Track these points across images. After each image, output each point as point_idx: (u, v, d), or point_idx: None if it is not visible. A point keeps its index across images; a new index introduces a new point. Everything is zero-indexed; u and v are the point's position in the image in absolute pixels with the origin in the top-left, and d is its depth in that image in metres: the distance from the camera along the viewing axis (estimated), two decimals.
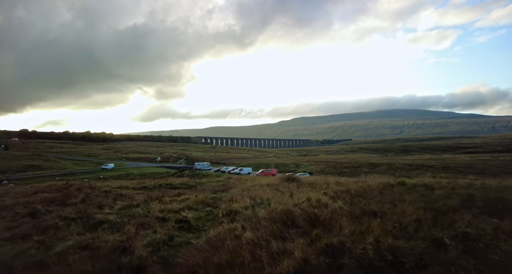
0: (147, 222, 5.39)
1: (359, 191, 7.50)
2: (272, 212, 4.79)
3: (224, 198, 8.31)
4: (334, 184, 9.85)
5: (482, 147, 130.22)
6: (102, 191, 11.48)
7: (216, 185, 15.80)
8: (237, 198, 7.74)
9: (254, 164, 75.74)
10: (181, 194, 9.87)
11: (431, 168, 54.49)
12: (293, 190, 8.95)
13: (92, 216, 6.17)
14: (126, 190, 12.70)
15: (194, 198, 8.24)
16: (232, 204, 7.00)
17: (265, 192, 8.35)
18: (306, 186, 9.77)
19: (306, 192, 8.13)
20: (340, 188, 8.68)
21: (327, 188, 9.04)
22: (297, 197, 7.41)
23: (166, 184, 15.85)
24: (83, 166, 75.53)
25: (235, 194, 9.27)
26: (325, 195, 7.39)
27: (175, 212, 6.31)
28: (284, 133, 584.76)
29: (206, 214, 6.46)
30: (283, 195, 8.13)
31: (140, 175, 62.52)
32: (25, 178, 50.94)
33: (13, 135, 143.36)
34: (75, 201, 8.39)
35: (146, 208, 7.19)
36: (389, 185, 8.36)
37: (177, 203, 7.55)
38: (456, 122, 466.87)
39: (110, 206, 7.93)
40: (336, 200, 6.75)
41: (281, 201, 7.05)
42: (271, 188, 9.40)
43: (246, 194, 8.89)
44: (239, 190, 10.35)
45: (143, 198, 8.66)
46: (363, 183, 9.15)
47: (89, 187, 12.45)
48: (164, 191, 11.18)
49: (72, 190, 11.13)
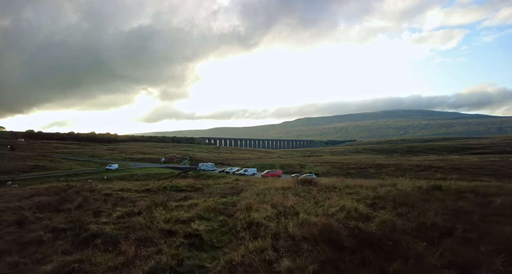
0: (150, 237, 4.44)
1: (395, 196, 6.51)
2: (307, 227, 3.80)
3: (239, 205, 7.28)
4: (358, 187, 8.84)
5: (489, 148, 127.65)
6: (102, 194, 10.62)
7: (224, 187, 14.69)
8: (254, 205, 6.85)
9: (258, 165, 74.84)
10: (187, 197, 8.95)
11: (440, 169, 53.04)
12: (315, 195, 7.97)
13: (86, 227, 5.26)
14: (129, 192, 11.82)
15: (204, 204, 7.26)
16: (250, 212, 6.05)
17: (285, 198, 7.33)
18: (327, 190, 8.78)
19: (334, 198, 7.21)
20: (369, 192, 7.69)
21: (353, 192, 8.04)
22: (327, 204, 6.41)
23: (171, 186, 14.77)
24: (88, 166, 75.34)
25: (249, 198, 8.42)
26: (358, 202, 6.41)
27: (183, 223, 5.34)
28: (288, 134, 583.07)
29: (219, 224, 5.46)
30: (306, 201, 7.21)
31: (144, 175, 62.07)
32: (29, 178, 50.70)
33: (19, 136, 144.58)
34: (71, 206, 7.51)
35: (149, 216, 6.36)
36: (424, 190, 7.34)
37: (185, 210, 6.59)
38: (462, 123, 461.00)
39: (108, 213, 7.08)
40: (376, 209, 5.82)
41: (309, 210, 6.06)
42: (289, 193, 8.39)
43: (262, 199, 7.99)
44: (251, 194, 9.43)
45: (146, 203, 7.75)
46: (391, 187, 8.14)
47: (89, 189, 11.60)
48: (169, 194, 10.29)
49: (70, 193, 10.29)
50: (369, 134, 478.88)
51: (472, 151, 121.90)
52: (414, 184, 8.38)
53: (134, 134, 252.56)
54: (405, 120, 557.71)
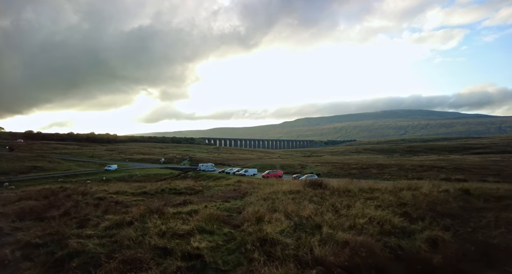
0: (140, 258, 3.62)
1: (426, 203, 5.71)
2: (336, 246, 3.01)
3: (246, 213, 6.51)
4: (376, 191, 8.01)
5: (490, 148, 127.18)
6: (95, 198, 9.83)
7: (226, 189, 13.64)
8: (265, 215, 5.89)
9: (259, 165, 74.10)
10: (187, 202, 8.16)
11: (443, 169, 52.28)
12: (332, 201, 7.19)
13: (65, 242, 4.47)
14: (124, 196, 10.99)
15: (205, 211, 6.45)
16: (260, 224, 5.17)
17: (298, 204, 6.46)
18: (341, 194, 7.96)
19: (356, 206, 6.39)
20: (390, 197, 6.91)
21: (372, 197, 7.24)
22: (351, 214, 5.60)
23: (169, 188, 13.95)
24: (87, 167, 74.56)
25: (255, 204, 7.56)
26: (384, 210, 5.60)
27: (181, 237, 4.50)
28: (287, 134, 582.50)
29: (225, 239, 4.59)
30: (324, 210, 6.42)
31: (144, 176, 61.28)
32: (27, 179, 49.83)
33: (18, 137, 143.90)
34: (56, 214, 6.75)
35: (141, 227, 5.54)
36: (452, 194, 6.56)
37: (183, 220, 5.85)
38: (461, 123, 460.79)
39: (96, 222, 6.28)
40: (413, 221, 4.94)
41: (331, 221, 5.35)
42: (301, 198, 7.54)
43: (271, 205, 7.10)
44: (257, 199, 8.56)
45: (139, 211, 6.82)
46: (414, 191, 7.34)
47: (81, 192, 10.82)
48: (167, 198, 9.51)
49: (60, 197, 9.52)
50: (369, 134, 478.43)
51: (472, 150, 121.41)
52: (437, 187, 7.59)
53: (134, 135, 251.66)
54: (405, 120, 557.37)
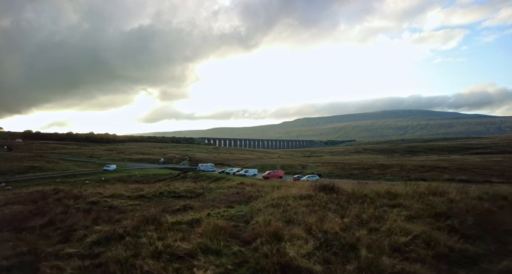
0: None
1: (471, 215, 4.95)
2: None
3: (257, 227, 5.58)
4: (396, 197, 7.18)
5: (490, 148, 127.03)
6: (87, 203, 9.04)
7: (228, 192, 12.90)
8: (280, 229, 4.96)
9: (259, 165, 73.48)
10: (187, 207, 7.41)
11: (446, 169, 51.68)
12: (355, 210, 6.35)
13: (38, 264, 3.75)
14: (119, 200, 10.18)
15: (208, 221, 5.75)
16: (277, 242, 4.31)
17: (313, 213, 5.66)
18: (358, 200, 7.15)
19: (389, 218, 5.55)
20: (418, 205, 6.13)
21: (396, 204, 6.54)
22: (385, 229, 4.88)
23: (168, 191, 13.15)
24: (85, 167, 73.85)
25: (263, 212, 6.78)
26: (419, 223, 4.85)
27: (181, 259, 3.66)
28: (287, 134, 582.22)
29: (235, 262, 3.60)
30: (348, 221, 5.61)
31: (143, 176, 60.57)
32: (24, 179, 49.10)
33: (17, 137, 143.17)
34: (39, 223, 5.98)
35: (134, 243, 4.77)
36: (486, 200, 5.83)
37: (183, 234, 5.02)
38: (461, 123, 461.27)
39: (83, 235, 5.48)
40: (467, 240, 4.17)
41: (365, 239, 4.49)
42: (315, 205, 6.71)
43: (283, 214, 6.34)
44: (265, 205, 7.76)
45: (133, 222, 6.04)
46: (441, 197, 6.55)
47: (74, 196, 10.04)
48: (166, 203, 8.74)
49: (50, 201, 8.75)
50: (368, 134, 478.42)
51: (473, 151, 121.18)
52: (464, 192, 6.84)
53: (133, 135, 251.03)
54: (405, 121, 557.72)
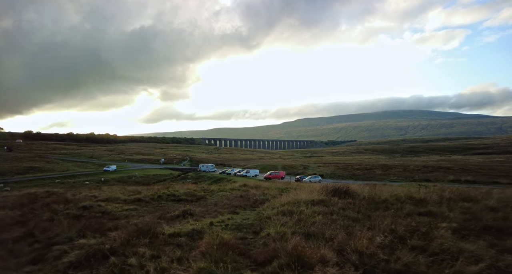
0: None
1: None
2: None
3: (270, 242, 4.69)
4: (426, 203, 6.50)
5: (492, 148, 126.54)
6: (79, 207, 8.51)
7: (231, 195, 12.29)
8: (304, 249, 4.04)
9: (260, 166, 73.17)
10: (187, 213, 6.92)
11: (449, 170, 51.39)
12: (377, 218, 5.66)
13: None
14: (115, 204, 9.56)
15: (212, 234, 4.91)
16: (302, 267, 3.57)
17: (334, 223, 4.99)
18: (376, 206, 6.62)
19: (438, 234, 4.66)
20: (453, 213, 5.58)
21: (427, 212, 5.78)
22: (433, 248, 4.09)
23: (167, 194, 12.42)
24: (85, 167, 73.58)
25: (275, 222, 5.92)
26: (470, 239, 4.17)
27: None
28: (288, 135, 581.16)
29: None
30: (377, 234, 4.74)
31: (143, 177, 60.28)
32: (23, 180, 48.87)
33: (17, 137, 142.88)
34: (16, 235, 5.40)
35: (121, 265, 3.99)
36: None
37: (182, 251, 4.38)
38: (462, 123, 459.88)
39: (62, 251, 4.71)
40: None
41: (415, 265, 3.69)
42: (332, 212, 6.10)
43: (297, 224, 5.56)
44: (274, 211, 7.02)
45: (123, 235, 5.19)
46: (474, 203, 5.97)
47: (65, 200, 9.45)
48: (164, 207, 8.31)
49: (37, 207, 8.24)
50: (369, 134, 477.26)
51: (474, 151, 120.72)
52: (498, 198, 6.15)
53: (134, 135, 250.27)
54: (405, 121, 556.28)
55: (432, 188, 8.79)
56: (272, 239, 4.90)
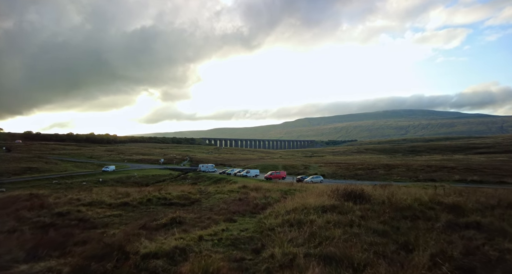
0: None
1: None
2: None
3: (277, 271, 3.60)
4: (466, 210, 5.48)
5: (494, 147, 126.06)
6: (54, 214, 7.61)
7: (229, 198, 11.26)
8: None
9: (260, 166, 72.44)
10: (175, 222, 5.87)
11: (454, 169, 50.55)
12: (413, 231, 4.60)
13: None
14: (98, 208, 8.38)
15: (199, 260, 3.75)
16: None
17: (354, 242, 4.00)
18: (403, 214, 5.53)
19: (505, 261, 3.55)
20: (500, 222, 4.47)
21: (465, 223, 4.75)
22: None
23: (158, 197, 11.17)
24: (84, 168, 72.94)
25: (277, 232, 5.15)
26: None
27: None
28: (288, 134, 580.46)
29: None
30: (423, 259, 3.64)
31: (142, 177, 59.61)
32: (20, 181, 48.21)
33: (17, 138, 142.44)
34: None
35: None
36: None
37: None
38: (462, 123, 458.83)
39: None
40: None
41: None
42: (349, 223, 5.12)
43: (311, 241, 4.55)
44: (279, 221, 6.02)
45: (79, 258, 4.12)
46: None
47: (39, 206, 8.35)
48: (152, 213, 7.35)
49: (4, 213, 7.25)
50: (369, 134, 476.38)
51: (476, 150, 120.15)
52: None
53: (134, 135, 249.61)
54: (406, 120, 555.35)
55: (450, 189, 7.81)
56: (279, 265, 3.73)
